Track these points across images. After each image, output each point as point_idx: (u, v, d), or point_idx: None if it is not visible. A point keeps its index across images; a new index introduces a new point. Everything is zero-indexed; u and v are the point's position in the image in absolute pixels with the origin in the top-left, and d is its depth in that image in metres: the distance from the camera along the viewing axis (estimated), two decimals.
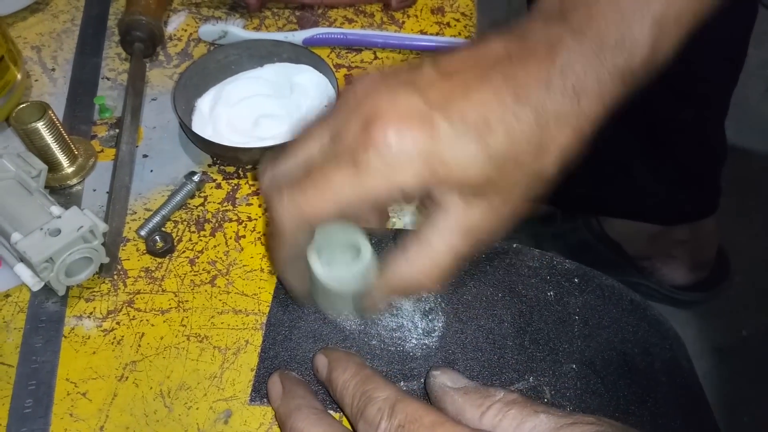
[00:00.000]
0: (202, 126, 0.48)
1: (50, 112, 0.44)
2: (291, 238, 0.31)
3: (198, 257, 0.43)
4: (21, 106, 0.44)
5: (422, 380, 0.38)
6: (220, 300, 0.41)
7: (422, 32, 0.58)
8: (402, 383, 0.38)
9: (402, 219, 0.46)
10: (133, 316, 0.40)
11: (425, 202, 0.31)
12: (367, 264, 0.34)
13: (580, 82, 0.28)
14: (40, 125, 0.43)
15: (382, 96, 0.28)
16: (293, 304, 0.40)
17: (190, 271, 0.42)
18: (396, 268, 0.32)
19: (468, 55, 0.30)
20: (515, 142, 0.28)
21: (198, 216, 0.45)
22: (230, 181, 0.47)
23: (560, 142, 0.29)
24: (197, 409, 0.37)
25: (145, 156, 0.49)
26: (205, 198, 0.46)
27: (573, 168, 0.31)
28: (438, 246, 0.30)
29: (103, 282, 0.42)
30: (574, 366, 0.39)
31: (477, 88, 0.28)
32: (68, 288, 0.41)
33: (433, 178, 0.28)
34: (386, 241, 0.42)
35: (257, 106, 0.50)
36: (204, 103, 0.50)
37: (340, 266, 0.35)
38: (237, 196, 0.46)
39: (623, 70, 0.29)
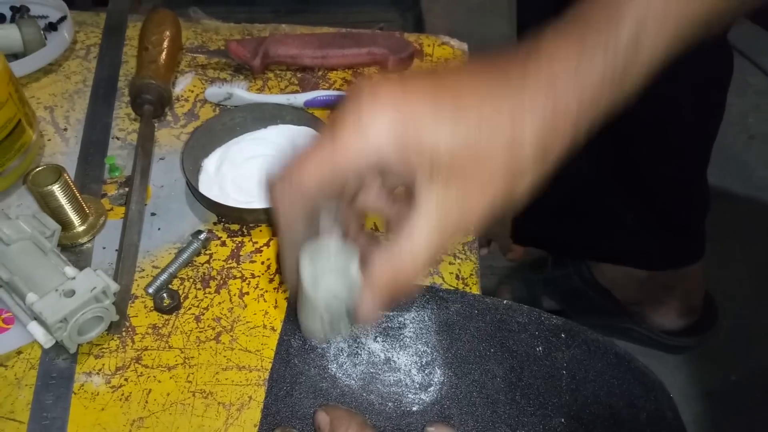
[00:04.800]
0: (208, 186, 0.51)
1: (65, 175, 0.46)
2: (288, 222, 0.33)
3: (203, 314, 0.45)
4: (37, 169, 0.46)
5: None
6: (224, 356, 0.43)
7: None
8: None
9: None
10: (141, 373, 0.42)
11: (404, 193, 0.33)
12: (354, 279, 0.35)
13: (558, 82, 0.30)
14: (56, 188, 0.46)
15: (365, 87, 0.31)
16: (294, 359, 0.42)
17: (196, 328, 0.44)
18: (378, 265, 0.33)
19: (455, 63, 0.33)
20: (488, 129, 0.30)
21: (204, 273, 0.47)
22: (235, 239, 0.50)
23: (534, 139, 0.30)
24: None
25: (153, 214, 0.51)
26: (211, 255, 0.48)
27: (565, 211, 0.32)
28: (416, 236, 0.32)
29: (112, 339, 0.44)
30: (562, 420, 0.41)
31: (457, 84, 0.31)
32: (78, 345, 0.43)
33: (405, 146, 0.30)
34: None
35: (261, 166, 0.52)
36: (210, 164, 0.53)
37: (328, 279, 0.35)
38: (241, 253, 0.49)
39: (603, 73, 0.30)
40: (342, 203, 0.35)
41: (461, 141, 0.30)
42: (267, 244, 0.49)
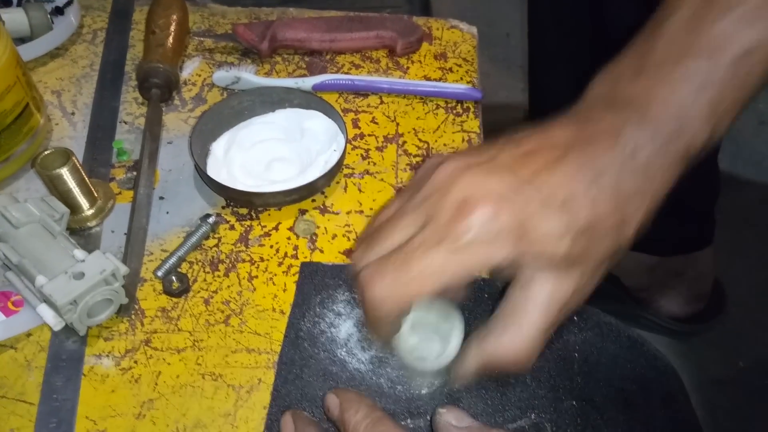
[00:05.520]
0: (216, 169, 0.51)
1: (73, 158, 0.46)
2: (391, 318, 0.32)
3: (212, 297, 0.45)
4: (45, 152, 0.46)
5: (428, 417, 0.39)
6: (233, 339, 0.43)
7: (426, 77, 0.61)
8: (409, 420, 0.39)
9: None
10: (150, 355, 0.42)
11: (513, 276, 0.32)
12: (459, 341, 0.36)
13: (649, 162, 0.30)
14: (64, 171, 0.45)
15: (472, 177, 0.30)
16: (304, 343, 0.42)
17: (205, 311, 0.44)
18: (490, 345, 0.32)
19: (542, 138, 0.32)
20: (599, 215, 0.30)
21: (212, 257, 0.47)
22: (243, 222, 0.49)
23: (636, 216, 0.31)
24: None
25: (161, 198, 0.51)
26: (219, 239, 0.48)
27: None
28: (532, 321, 0.31)
29: (122, 321, 0.44)
30: (574, 402, 0.41)
31: (560, 166, 0.30)
32: (88, 328, 0.43)
33: (526, 252, 0.30)
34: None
35: (269, 150, 0.52)
36: (218, 147, 0.52)
37: (431, 341, 0.36)
38: (250, 237, 0.48)
39: (684, 153, 0.31)
40: None
41: (576, 235, 0.30)
42: (276, 228, 0.49)
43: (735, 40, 0.30)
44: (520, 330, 0.31)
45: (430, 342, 0.36)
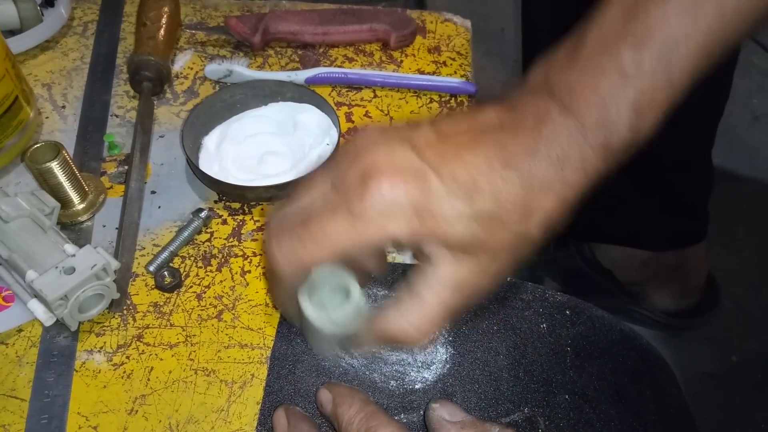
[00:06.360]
0: (208, 163, 0.50)
1: (64, 151, 0.45)
2: (287, 280, 0.33)
3: (205, 292, 0.45)
4: (35, 146, 0.46)
5: (422, 412, 0.39)
6: (226, 334, 0.43)
7: (420, 71, 0.61)
8: (402, 415, 0.39)
9: (401, 254, 0.47)
10: (143, 351, 0.42)
11: (417, 255, 0.33)
12: (356, 308, 0.35)
13: (564, 153, 0.30)
14: (54, 165, 0.45)
15: (380, 150, 0.30)
16: (297, 338, 0.42)
17: (197, 306, 0.44)
18: (386, 318, 0.33)
19: (464, 120, 0.31)
20: (501, 203, 0.30)
21: (205, 251, 0.47)
22: (236, 217, 0.49)
23: (544, 207, 0.30)
24: None
25: (153, 192, 0.50)
26: (212, 234, 0.48)
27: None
28: (427, 299, 0.31)
29: (113, 317, 0.43)
30: (566, 396, 0.41)
31: (469, 151, 0.30)
32: (79, 323, 0.42)
33: (423, 230, 0.30)
34: (385, 280, 0.44)
35: (262, 143, 0.52)
36: (210, 141, 0.52)
37: (329, 308, 0.36)
38: (242, 231, 0.48)
39: (604, 147, 0.30)
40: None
41: (474, 219, 0.29)
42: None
43: (663, 30, 0.29)
44: (411, 308, 0.32)
45: (327, 308, 0.36)
